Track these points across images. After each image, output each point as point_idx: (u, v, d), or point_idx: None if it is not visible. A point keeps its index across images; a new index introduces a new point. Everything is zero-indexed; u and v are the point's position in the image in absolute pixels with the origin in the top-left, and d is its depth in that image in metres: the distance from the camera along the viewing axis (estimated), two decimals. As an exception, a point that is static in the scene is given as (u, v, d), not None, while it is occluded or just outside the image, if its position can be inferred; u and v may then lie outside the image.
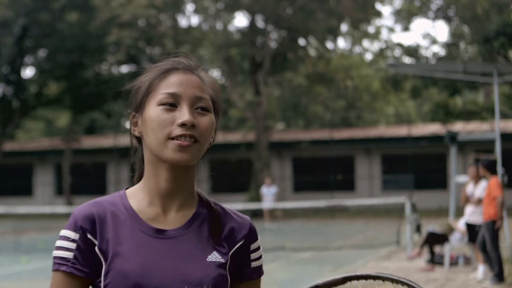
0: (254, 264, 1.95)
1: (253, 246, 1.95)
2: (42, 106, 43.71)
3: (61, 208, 28.00)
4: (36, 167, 42.44)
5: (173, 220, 1.88)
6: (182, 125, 1.80)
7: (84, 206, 1.87)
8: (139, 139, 1.91)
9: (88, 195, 35.91)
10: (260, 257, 1.98)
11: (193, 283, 1.81)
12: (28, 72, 49.57)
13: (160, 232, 1.86)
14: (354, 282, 1.82)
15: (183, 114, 1.81)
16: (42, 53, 40.92)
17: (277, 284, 11.38)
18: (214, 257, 1.87)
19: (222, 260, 1.87)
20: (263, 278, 1.99)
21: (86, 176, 40.43)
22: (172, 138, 1.80)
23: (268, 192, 25.19)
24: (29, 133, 53.55)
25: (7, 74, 39.25)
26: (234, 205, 21.63)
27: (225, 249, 1.90)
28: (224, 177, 39.36)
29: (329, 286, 1.81)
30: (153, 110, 1.83)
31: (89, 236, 1.82)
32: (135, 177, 1.97)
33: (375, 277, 1.75)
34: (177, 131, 1.80)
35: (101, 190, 38.06)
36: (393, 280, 1.71)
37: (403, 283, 1.70)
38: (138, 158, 1.96)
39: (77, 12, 36.57)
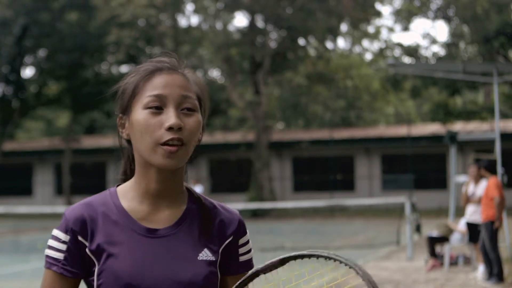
0: (242, 258, 1.98)
1: (241, 241, 1.97)
2: (42, 106, 43.65)
3: (61, 208, 27.94)
4: (36, 167, 42.40)
5: (164, 219, 1.90)
6: (169, 128, 1.80)
7: (75, 207, 1.89)
8: (129, 140, 1.93)
9: (88, 195, 35.63)
10: (249, 251, 2.00)
11: (184, 283, 1.83)
12: (28, 72, 49.56)
13: (151, 231, 1.87)
14: (292, 262, 1.87)
15: (170, 117, 1.81)
16: (42, 53, 40.87)
17: (276, 284, 11.36)
18: (205, 255, 1.89)
19: (213, 258, 1.90)
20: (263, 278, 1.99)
21: (86, 176, 40.39)
22: (161, 144, 1.81)
23: None
24: (29, 133, 53.50)
25: (7, 74, 39.19)
26: (234, 205, 21.62)
27: (216, 246, 1.92)
28: (224, 177, 39.36)
29: (269, 269, 1.86)
30: (140, 114, 1.84)
31: (79, 238, 1.85)
32: (121, 173, 2.00)
33: (309, 256, 1.81)
34: (165, 136, 1.81)
35: (101, 190, 37.71)
36: (326, 257, 1.77)
37: (335, 260, 1.77)
38: (126, 158, 1.99)
39: (77, 12, 36.52)
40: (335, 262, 1.80)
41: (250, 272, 1.84)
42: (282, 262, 1.86)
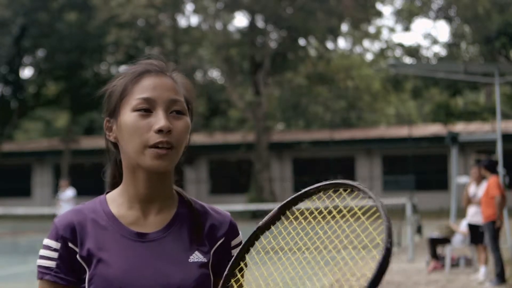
0: None
1: (233, 243, 1.96)
2: (40, 106, 43.59)
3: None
4: (34, 168, 42.32)
5: (154, 223, 1.88)
6: (159, 131, 1.79)
7: (65, 214, 1.88)
8: (115, 144, 1.89)
9: (87, 196, 35.72)
10: None
11: (174, 286, 1.82)
12: (26, 72, 49.52)
13: (141, 235, 1.86)
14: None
15: (159, 120, 1.80)
16: (40, 53, 40.82)
17: (276, 285, 11.25)
18: (196, 257, 1.87)
19: (205, 260, 1.88)
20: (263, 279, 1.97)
21: (85, 177, 40.26)
22: (150, 146, 1.79)
23: (64, 196, 21.15)
24: (27, 134, 53.37)
25: (5, 74, 39.15)
26: (234, 206, 21.50)
27: (207, 247, 1.91)
28: (224, 178, 39.27)
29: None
30: (128, 117, 1.82)
31: (70, 244, 1.84)
32: (109, 177, 1.97)
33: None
34: (154, 138, 1.79)
35: (100, 191, 37.82)
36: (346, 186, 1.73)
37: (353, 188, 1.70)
38: (113, 161, 1.95)
39: (76, 12, 36.45)
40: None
41: (277, 207, 1.91)
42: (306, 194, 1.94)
